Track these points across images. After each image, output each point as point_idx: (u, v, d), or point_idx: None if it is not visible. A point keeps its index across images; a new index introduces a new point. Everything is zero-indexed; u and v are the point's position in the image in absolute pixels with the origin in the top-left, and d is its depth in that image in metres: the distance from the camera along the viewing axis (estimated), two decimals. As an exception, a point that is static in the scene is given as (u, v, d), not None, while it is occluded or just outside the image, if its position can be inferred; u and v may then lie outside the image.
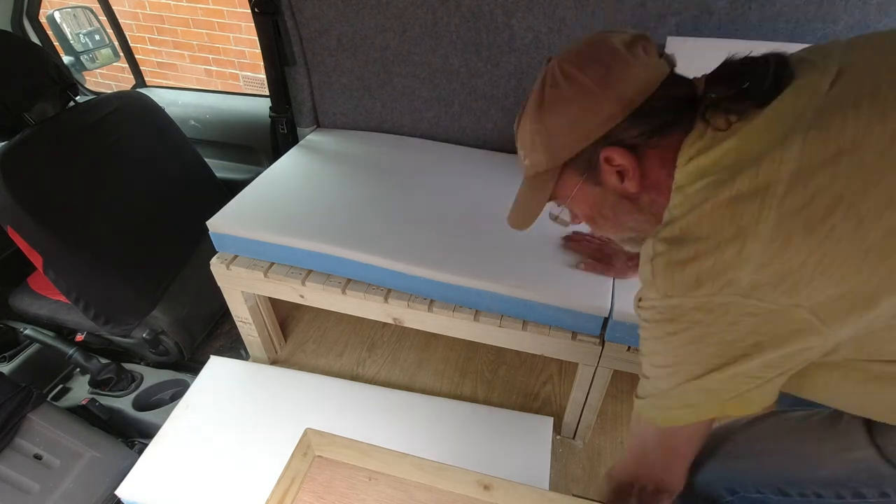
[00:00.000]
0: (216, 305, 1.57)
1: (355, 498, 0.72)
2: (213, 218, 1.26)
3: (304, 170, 1.48)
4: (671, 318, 0.51)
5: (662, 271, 0.51)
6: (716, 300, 0.48)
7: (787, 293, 0.45)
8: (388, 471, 0.75)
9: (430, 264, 1.14)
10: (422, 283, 1.16)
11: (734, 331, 0.48)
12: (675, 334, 0.52)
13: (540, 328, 1.14)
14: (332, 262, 1.22)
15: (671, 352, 0.53)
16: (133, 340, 1.49)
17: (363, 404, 1.35)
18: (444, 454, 1.20)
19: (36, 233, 1.24)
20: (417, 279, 1.15)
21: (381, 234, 1.21)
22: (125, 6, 3.45)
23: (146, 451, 1.24)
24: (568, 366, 1.59)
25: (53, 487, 1.13)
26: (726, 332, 0.48)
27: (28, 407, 1.22)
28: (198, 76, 3.69)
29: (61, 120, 1.36)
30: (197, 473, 1.19)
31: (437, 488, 0.74)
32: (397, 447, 0.74)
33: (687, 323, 0.50)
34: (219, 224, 1.26)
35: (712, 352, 0.50)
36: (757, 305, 0.46)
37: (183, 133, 1.64)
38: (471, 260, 1.14)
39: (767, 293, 0.45)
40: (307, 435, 0.77)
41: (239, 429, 1.28)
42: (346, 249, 1.18)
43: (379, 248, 1.17)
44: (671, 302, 0.50)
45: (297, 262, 1.26)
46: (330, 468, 0.76)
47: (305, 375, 1.45)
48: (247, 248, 1.28)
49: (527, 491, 0.71)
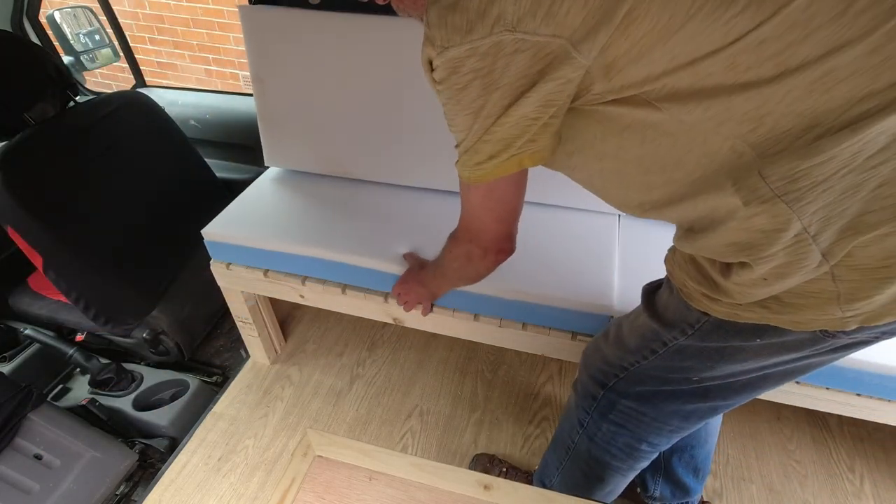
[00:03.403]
0: (216, 305, 1.57)
1: (355, 498, 0.72)
2: (208, 226, 1.25)
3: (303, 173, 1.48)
4: (454, 70, 0.54)
5: (436, 21, 0.53)
6: (488, 42, 0.51)
7: (546, 21, 0.49)
8: (388, 471, 0.75)
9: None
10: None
11: (510, 72, 0.52)
12: (463, 89, 0.55)
13: (540, 328, 1.14)
14: (330, 267, 1.21)
15: (465, 110, 0.58)
16: (133, 340, 1.49)
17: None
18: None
19: (36, 233, 1.23)
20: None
21: (380, 237, 1.21)
22: (125, 6, 3.44)
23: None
24: (568, 366, 1.59)
25: (53, 487, 1.13)
26: (504, 75, 0.53)
27: (28, 407, 1.22)
28: (198, 76, 3.69)
29: (61, 120, 1.36)
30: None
31: (437, 488, 0.74)
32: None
33: (469, 73, 0.54)
34: (214, 232, 1.25)
35: (497, 98, 0.55)
36: (523, 40, 0.50)
37: (183, 133, 1.64)
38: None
39: (530, 23, 0.49)
40: (307, 435, 0.77)
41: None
42: (344, 254, 1.17)
43: (378, 252, 1.16)
44: (450, 54, 0.53)
45: (295, 269, 1.25)
46: (330, 468, 0.76)
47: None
48: (243, 255, 1.27)
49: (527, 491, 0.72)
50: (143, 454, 1.33)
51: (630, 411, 0.81)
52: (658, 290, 0.76)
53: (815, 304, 0.56)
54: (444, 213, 1.31)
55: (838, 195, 0.49)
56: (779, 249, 0.52)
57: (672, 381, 0.75)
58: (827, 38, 0.44)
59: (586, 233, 1.26)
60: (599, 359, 0.84)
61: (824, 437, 1.44)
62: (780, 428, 1.45)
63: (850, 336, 0.59)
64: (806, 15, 0.44)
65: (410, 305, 1.15)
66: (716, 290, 0.61)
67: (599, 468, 0.91)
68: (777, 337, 0.61)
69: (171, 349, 1.52)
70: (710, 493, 1.31)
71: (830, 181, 0.48)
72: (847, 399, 1.03)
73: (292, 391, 1.52)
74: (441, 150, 1.27)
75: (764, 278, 0.55)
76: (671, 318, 0.70)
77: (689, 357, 0.70)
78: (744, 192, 0.51)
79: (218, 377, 1.64)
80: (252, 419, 1.45)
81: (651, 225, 1.30)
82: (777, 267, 0.54)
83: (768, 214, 0.50)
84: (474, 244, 0.77)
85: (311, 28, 1.20)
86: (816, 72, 0.45)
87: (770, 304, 0.59)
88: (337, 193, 1.39)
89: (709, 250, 0.60)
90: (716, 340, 0.66)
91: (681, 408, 0.78)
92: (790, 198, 0.49)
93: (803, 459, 1.38)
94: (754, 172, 0.50)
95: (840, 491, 1.32)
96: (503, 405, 1.49)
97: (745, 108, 0.49)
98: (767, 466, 1.37)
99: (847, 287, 0.53)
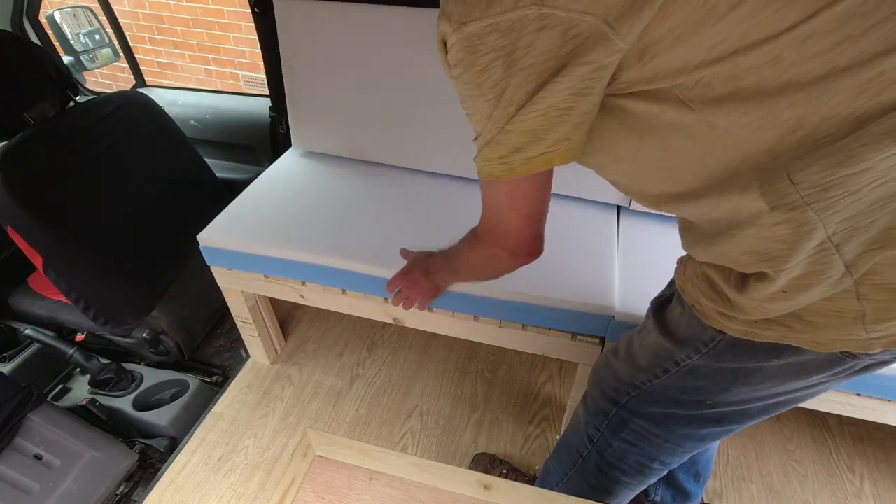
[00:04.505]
0: (216, 305, 1.57)
1: (355, 498, 0.72)
2: (203, 231, 1.24)
3: (299, 174, 1.48)
4: (472, 49, 0.49)
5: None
6: (511, 17, 0.46)
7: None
8: (388, 471, 0.75)
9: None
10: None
11: (535, 52, 0.47)
12: (483, 71, 0.50)
13: (540, 328, 1.14)
14: (328, 273, 1.20)
15: (484, 95, 0.52)
16: (133, 340, 1.49)
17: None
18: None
19: (36, 233, 1.23)
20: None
21: (379, 241, 1.20)
22: (125, 6, 3.44)
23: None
24: (568, 366, 1.59)
25: (53, 487, 1.13)
26: (528, 55, 0.47)
27: (28, 407, 1.22)
28: (198, 76, 3.69)
29: (61, 120, 1.36)
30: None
31: (437, 488, 0.74)
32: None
33: (490, 52, 0.48)
34: (209, 237, 1.24)
35: (520, 81, 0.49)
36: (552, 16, 0.45)
37: (183, 133, 1.64)
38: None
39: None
40: (307, 435, 0.77)
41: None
42: (343, 260, 1.17)
43: (377, 257, 1.15)
44: (468, 30, 0.48)
45: (293, 275, 1.25)
46: (330, 468, 0.76)
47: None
48: (240, 261, 1.26)
49: (527, 491, 0.72)
50: (143, 454, 1.33)
51: (643, 431, 0.78)
52: (667, 304, 0.72)
53: (837, 324, 0.53)
54: (458, 204, 1.34)
55: (868, 206, 0.45)
56: (801, 259, 0.49)
57: (685, 403, 0.71)
58: (889, 34, 0.40)
59: (585, 229, 1.26)
60: (610, 375, 0.81)
61: (824, 437, 1.44)
62: (780, 428, 1.45)
63: (871, 357, 0.56)
64: (868, 5, 0.40)
65: (410, 302, 1.09)
66: (731, 307, 0.58)
67: (608, 483, 0.88)
68: (796, 356, 0.58)
69: (171, 349, 1.52)
70: (711, 494, 1.31)
71: (863, 192, 0.44)
72: (847, 399, 1.04)
73: (292, 391, 1.52)
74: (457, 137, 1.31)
75: (784, 290, 0.52)
76: (683, 335, 0.67)
77: (702, 377, 0.67)
78: (770, 196, 0.47)
79: (218, 377, 1.64)
80: (252, 419, 1.45)
81: (651, 221, 1.30)
82: (798, 278, 0.50)
83: (795, 222, 0.46)
84: (499, 247, 0.71)
85: (339, 17, 1.28)
86: (871, 72, 0.41)
87: (790, 323, 0.55)
88: (338, 192, 1.39)
89: (725, 258, 0.56)
90: (731, 360, 0.63)
91: (695, 432, 0.74)
92: (819, 206, 0.45)
93: (803, 459, 1.38)
94: (783, 176, 0.46)
95: (840, 491, 1.32)
96: (503, 405, 1.50)
97: (785, 110, 0.45)
98: (767, 466, 1.37)
99: (873, 307, 0.50)
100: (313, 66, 1.38)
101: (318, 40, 1.33)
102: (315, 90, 1.42)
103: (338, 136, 1.49)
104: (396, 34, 1.26)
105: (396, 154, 1.46)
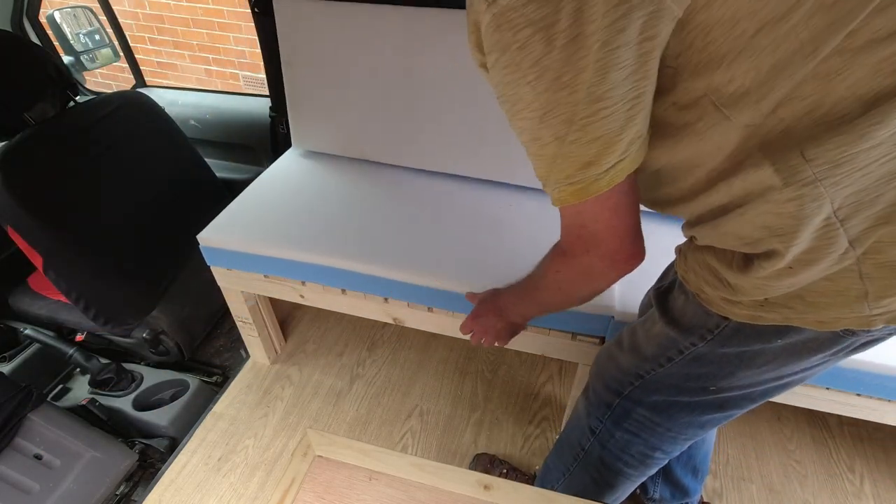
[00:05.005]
0: (216, 305, 1.57)
1: (355, 498, 0.72)
2: (203, 231, 1.24)
3: (299, 174, 1.48)
4: (508, 24, 0.44)
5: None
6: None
7: None
8: (388, 471, 0.75)
9: (429, 273, 1.12)
10: (422, 291, 1.14)
11: (581, 15, 0.42)
12: (522, 48, 0.45)
13: (540, 328, 1.14)
14: (328, 273, 1.20)
15: (527, 79, 0.46)
16: (133, 340, 1.49)
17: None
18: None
19: (36, 233, 1.23)
20: (417, 287, 1.14)
21: (379, 241, 1.20)
22: (125, 6, 3.44)
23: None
24: (568, 366, 1.59)
25: (53, 487, 1.13)
26: (574, 23, 0.42)
27: (28, 407, 1.22)
28: (198, 76, 3.69)
29: (61, 120, 1.36)
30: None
31: (437, 488, 0.74)
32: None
33: (526, 23, 0.43)
34: (210, 237, 1.24)
35: (565, 57, 0.43)
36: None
37: (183, 133, 1.64)
38: (471, 268, 1.13)
39: None
40: (307, 435, 0.77)
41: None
42: (344, 260, 1.17)
43: (378, 257, 1.15)
44: (502, 4, 0.44)
45: (292, 275, 1.25)
46: (330, 468, 0.76)
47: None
48: (240, 261, 1.26)
49: (527, 491, 0.72)
50: (143, 454, 1.33)
51: (645, 420, 0.78)
52: (669, 293, 0.72)
53: (841, 303, 0.54)
54: (458, 203, 1.34)
55: (874, 181, 0.46)
56: (808, 234, 0.49)
57: (688, 391, 0.72)
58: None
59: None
60: (614, 367, 0.81)
61: (824, 437, 1.44)
62: (780, 428, 1.45)
63: (869, 334, 0.57)
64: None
65: (489, 343, 0.97)
66: (733, 292, 0.58)
67: (610, 475, 0.89)
68: (797, 336, 0.59)
69: (171, 349, 1.52)
70: (710, 493, 1.31)
71: (871, 167, 0.45)
72: (847, 399, 1.03)
73: (292, 391, 1.52)
74: (457, 137, 1.35)
75: (790, 267, 0.52)
76: (689, 323, 0.67)
77: (707, 364, 0.67)
78: (784, 172, 0.47)
79: (218, 377, 1.64)
80: (252, 419, 1.45)
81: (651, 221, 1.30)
82: (804, 253, 0.51)
83: (807, 198, 0.47)
84: (594, 254, 0.60)
85: (338, 17, 1.29)
86: (887, 50, 0.41)
87: (794, 304, 0.56)
88: (338, 192, 1.39)
89: (734, 237, 0.55)
90: (735, 345, 0.63)
91: (697, 419, 0.75)
92: (829, 182, 0.46)
93: (803, 459, 1.38)
94: (797, 153, 0.46)
95: (840, 491, 1.32)
96: (503, 405, 1.50)
97: (808, 96, 0.45)
98: (767, 466, 1.37)
99: (876, 285, 0.51)
100: (313, 66, 1.38)
101: (318, 40, 1.33)
102: (315, 90, 1.42)
103: (338, 136, 1.49)
104: (396, 34, 1.26)
105: (396, 154, 1.46)
